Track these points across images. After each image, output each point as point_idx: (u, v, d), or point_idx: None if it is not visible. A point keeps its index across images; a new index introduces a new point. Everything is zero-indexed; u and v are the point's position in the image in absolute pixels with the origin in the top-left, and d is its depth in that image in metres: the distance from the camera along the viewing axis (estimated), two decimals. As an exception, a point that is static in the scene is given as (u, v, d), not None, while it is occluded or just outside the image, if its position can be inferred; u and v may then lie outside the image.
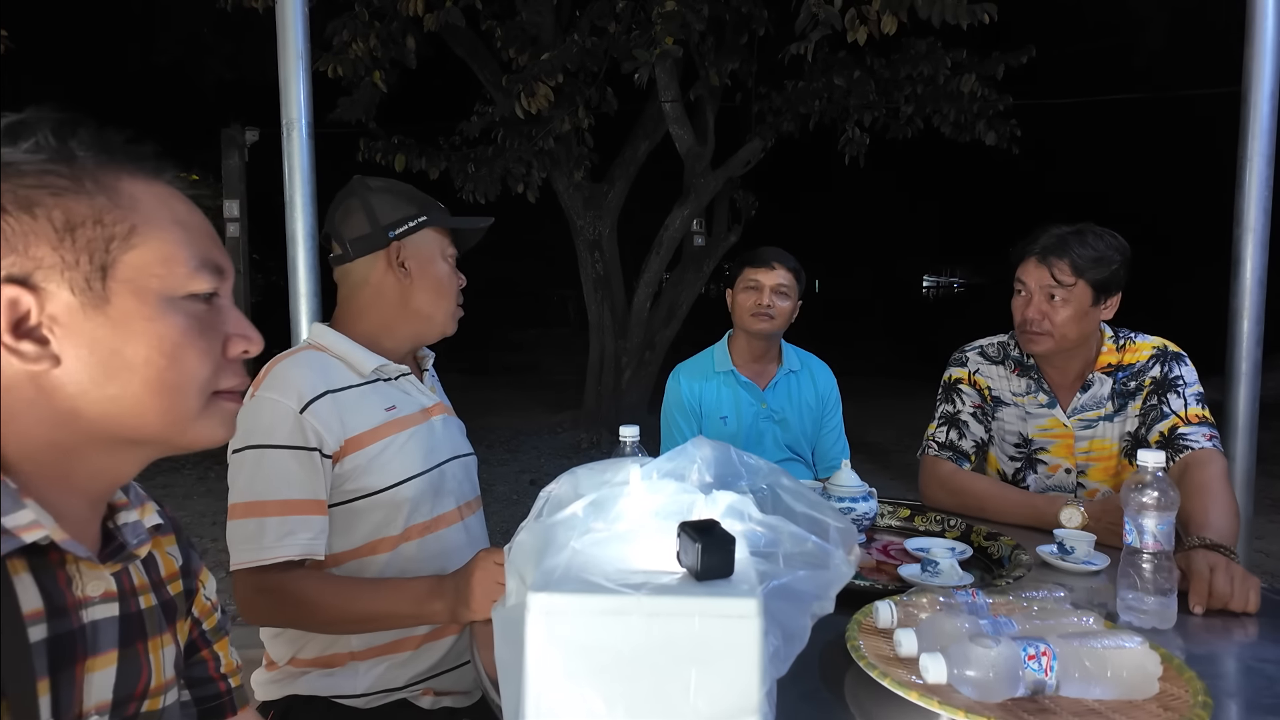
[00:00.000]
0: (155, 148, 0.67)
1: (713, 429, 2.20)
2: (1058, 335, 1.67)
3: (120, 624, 0.65)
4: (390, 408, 1.33)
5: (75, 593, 0.62)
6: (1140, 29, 7.47)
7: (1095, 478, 1.76)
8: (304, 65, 2.34)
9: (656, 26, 4.79)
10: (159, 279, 0.64)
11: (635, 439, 1.35)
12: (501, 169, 5.96)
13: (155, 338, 0.63)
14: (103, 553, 0.67)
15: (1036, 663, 0.89)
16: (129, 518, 0.71)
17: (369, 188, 1.38)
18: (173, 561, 0.78)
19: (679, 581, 0.69)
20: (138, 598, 0.69)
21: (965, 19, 4.20)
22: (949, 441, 1.81)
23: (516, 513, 4.82)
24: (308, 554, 1.20)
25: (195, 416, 0.66)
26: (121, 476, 0.68)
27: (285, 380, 1.24)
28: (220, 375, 0.68)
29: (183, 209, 0.68)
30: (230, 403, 0.69)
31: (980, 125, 5.91)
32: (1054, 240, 1.67)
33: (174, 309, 0.64)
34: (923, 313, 21.80)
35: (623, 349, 6.75)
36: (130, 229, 0.63)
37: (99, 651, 0.63)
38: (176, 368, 0.64)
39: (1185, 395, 1.66)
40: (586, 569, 0.70)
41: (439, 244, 1.39)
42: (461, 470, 1.45)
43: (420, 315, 1.38)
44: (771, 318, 2.13)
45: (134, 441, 0.65)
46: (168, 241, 0.65)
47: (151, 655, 0.68)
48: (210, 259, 0.67)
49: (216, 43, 7.61)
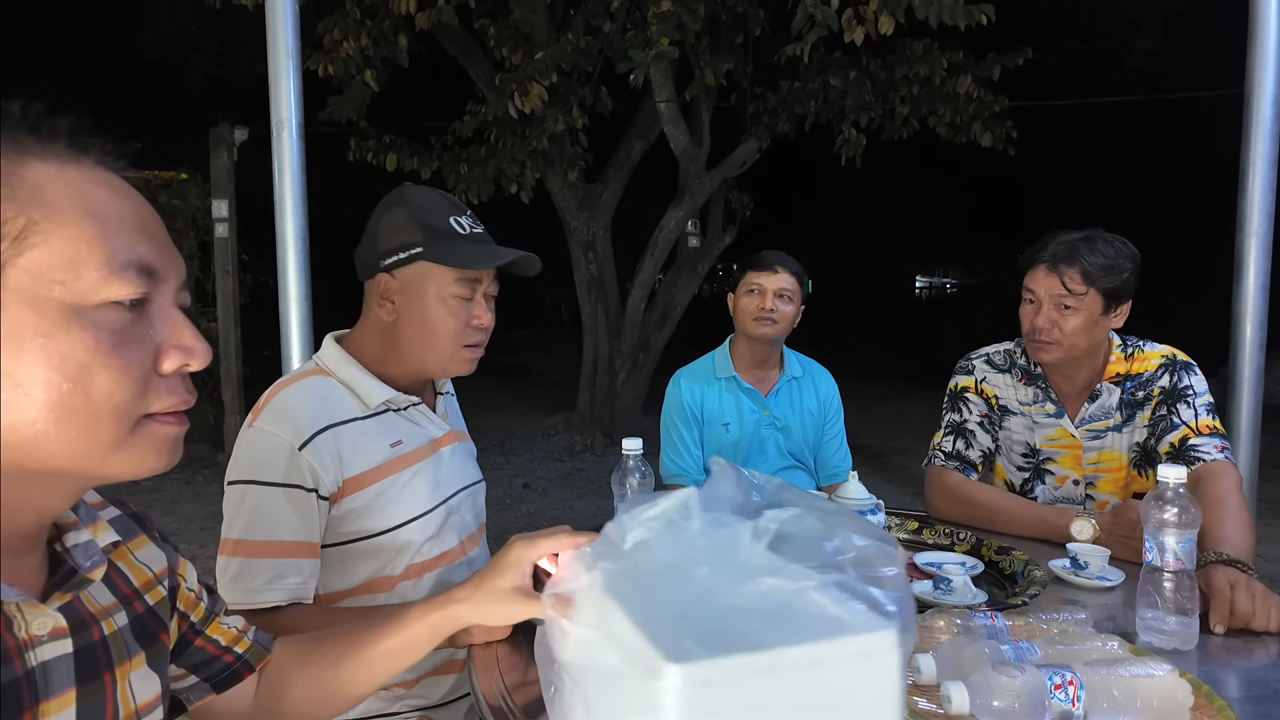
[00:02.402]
0: (72, 120, 0.57)
1: (714, 435, 2.17)
2: (1067, 344, 1.64)
3: (76, 660, 0.59)
4: (396, 443, 1.24)
5: (18, 634, 0.56)
6: (1137, 30, 7.47)
7: (1104, 489, 1.73)
8: (294, 64, 2.29)
9: (652, 27, 4.74)
10: (61, 286, 0.53)
11: (639, 453, 1.31)
12: (494, 169, 5.91)
13: (55, 357, 0.53)
14: (50, 582, 0.61)
15: (1063, 692, 0.86)
16: (79, 538, 0.64)
17: (393, 202, 1.25)
18: (144, 570, 0.72)
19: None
20: (99, 624, 0.63)
21: (963, 20, 4.17)
22: (956, 451, 1.77)
23: (509, 517, 4.78)
24: (296, 599, 1.15)
25: (116, 445, 0.56)
26: (50, 509, 0.60)
27: (284, 413, 1.17)
28: (150, 395, 0.57)
29: (104, 197, 0.57)
30: (167, 426, 0.59)
31: (976, 126, 5.90)
32: (1064, 248, 1.63)
33: (81, 321, 0.54)
34: (916, 314, 21.84)
35: (617, 350, 6.70)
36: (25, 226, 0.53)
37: (52, 694, 0.57)
38: (83, 391, 0.53)
39: (1195, 405, 1.63)
40: (719, 628, 0.61)
41: (437, 280, 1.21)
42: (468, 501, 1.38)
43: (410, 355, 1.24)
44: (774, 322, 2.09)
45: (46, 474, 0.56)
46: (74, 240, 0.54)
47: (119, 684, 0.63)
48: (136, 257, 0.56)
49: (205, 40, 7.53)
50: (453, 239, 1.22)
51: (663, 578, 0.67)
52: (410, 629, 0.88)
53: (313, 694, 0.88)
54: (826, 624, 0.61)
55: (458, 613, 0.88)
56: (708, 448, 2.18)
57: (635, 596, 0.66)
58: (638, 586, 0.67)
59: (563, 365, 9.82)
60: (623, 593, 0.67)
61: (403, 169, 5.98)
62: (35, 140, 0.55)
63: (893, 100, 5.96)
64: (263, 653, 0.86)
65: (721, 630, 0.60)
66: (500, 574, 0.86)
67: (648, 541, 0.70)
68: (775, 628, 0.60)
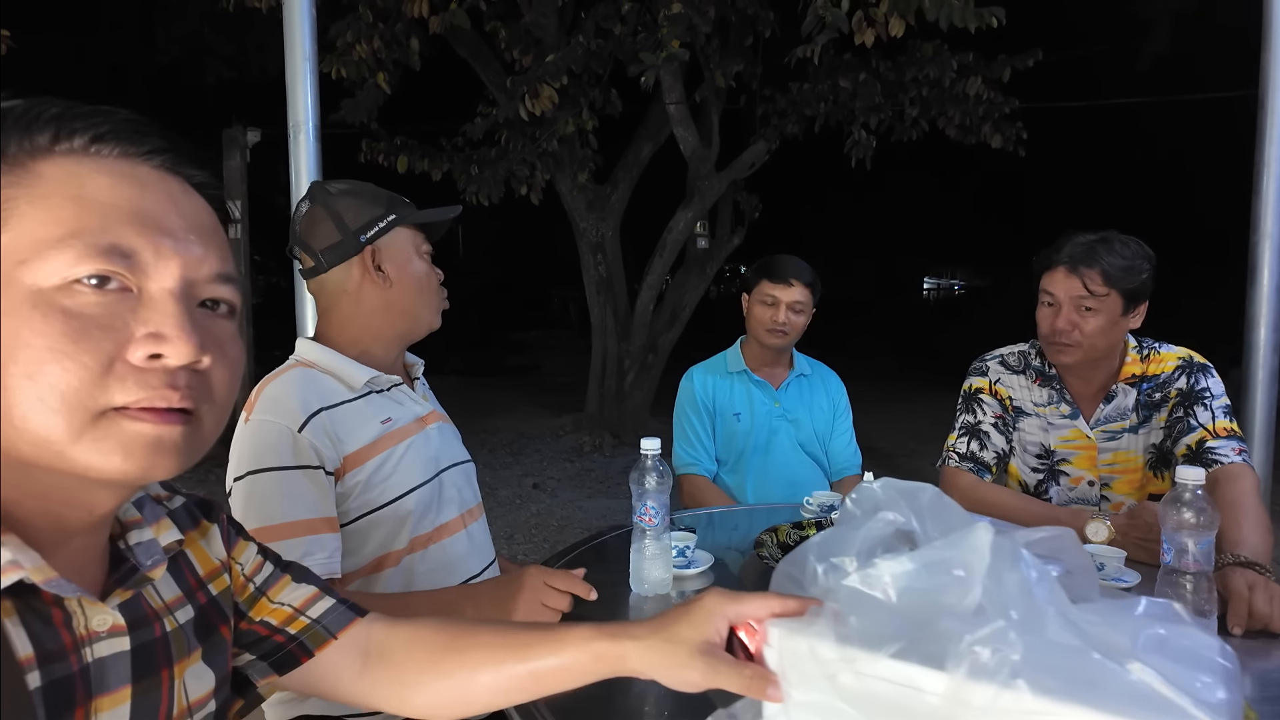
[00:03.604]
0: (100, 120, 0.56)
1: (726, 426, 2.21)
2: (1087, 346, 1.64)
3: (134, 657, 0.60)
4: (386, 420, 1.30)
5: (76, 630, 0.57)
6: (1149, 31, 7.44)
7: (1120, 490, 1.73)
8: (311, 67, 2.31)
9: (663, 29, 4.76)
10: (24, 266, 0.52)
11: (656, 452, 1.32)
12: (505, 171, 5.93)
13: (7, 336, 0.51)
14: (111, 579, 0.61)
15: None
16: (142, 536, 0.65)
17: (329, 192, 1.33)
18: (210, 557, 0.73)
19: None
20: (161, 620, 0.64)
21: (973, 23, 4.17)
22: (970, 453, 1.78)
23: (519, 517, 4.79)
24: (326, 574, 1.17)
25: (71, 439, 0.52)
26: (93, 505, 0.59)
27: (278, 401, 1.21)
28: (110, 386, 0.53)
29: (102, 183, 0.55)
30: (139, 423, 0.54)
31: (986, 128, 5.89)
32: (1082, 249, 1.63)
33: (37, 303, 0.52)
34: (924, 315, 21.78)
35: (625, 351, 6.71)
36: (4, 212, 0.52)
37: (107, 690, 0.58)
38: (27, 374, 0.51)
39: (1213, 408, 1.63)
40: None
41: (412, 241, 1.35)
42: (462, 477, 1.43)
43: (407, 315, 1.35)
44: (785, 334, 2.16)
45: (25, 463, 0.54)
46: (46, 221, 0.52)
47: (176, 681, 0.64)
48: (113, 239, 0.54)
49: (218, 43, 7.58)
50: (405, 205, 1.36)
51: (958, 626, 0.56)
52: (568, 651, 0.75)
53: (443, 697, 0.80)
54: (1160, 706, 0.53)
55: (627, 653, 0.73)
56: (720, 438, 2.22)
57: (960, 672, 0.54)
58: (944, 653, 0.55)
59: (571, 366, 9.83)
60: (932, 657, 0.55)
61: (414, 171, 6.01)
62: (55, 138, 0.55)
63: (902, 102, 5.95)
64: (324, 636, 0.79)
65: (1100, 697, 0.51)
66: (688, 624, 0.71)
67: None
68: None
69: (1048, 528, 0.68)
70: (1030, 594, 0.58)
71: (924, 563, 0.61)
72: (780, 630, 0.65)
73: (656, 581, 1.32)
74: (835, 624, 0.61)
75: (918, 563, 0.61)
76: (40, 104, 0.55)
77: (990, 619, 0.56)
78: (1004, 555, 0.60)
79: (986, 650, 0.54)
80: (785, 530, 1.54)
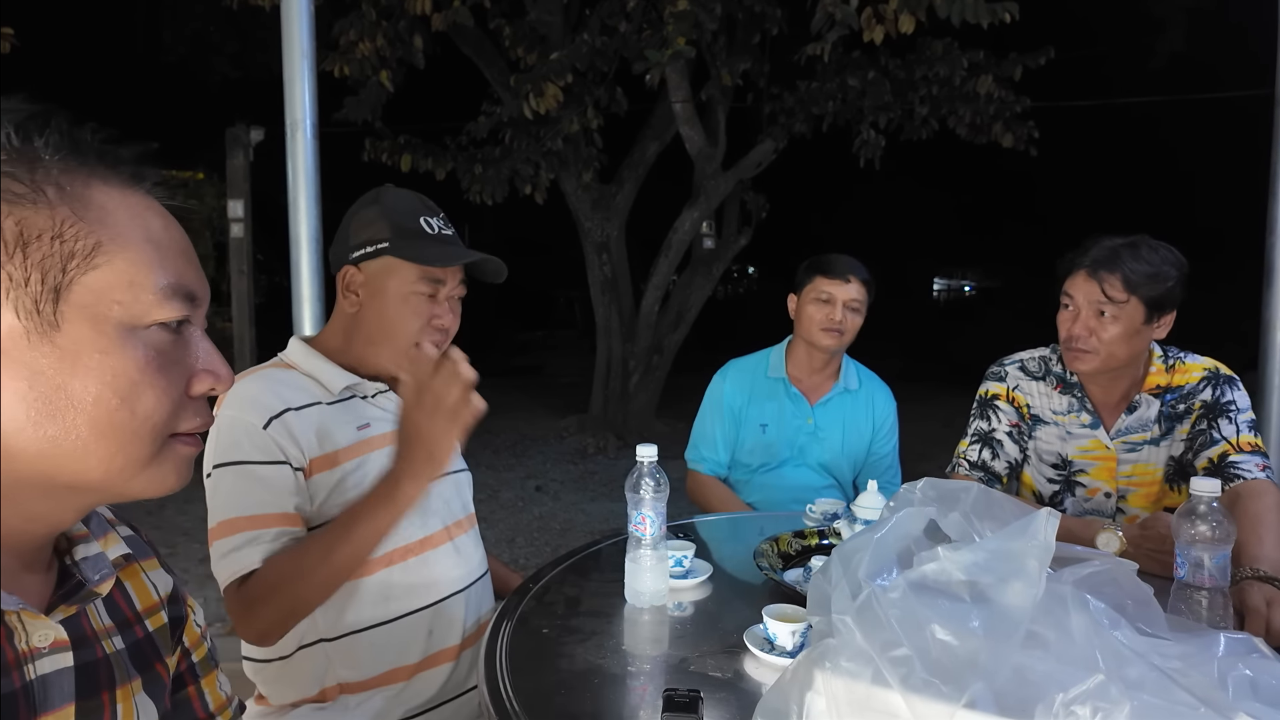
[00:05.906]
0: (136, 150, 0.60)
1: (750, 436, 2.11)
2: (1104, 354, 1.57)
3: (78, 674, 0.58)
4: (363, 426, 1.27)
5: (17, 646, 0.55)
6: (1162, 30, 7.36)
7: (1136, 503, 1.68)
8: (309, 65, 2.29)
9: (669, 26, 4.71)
10: (121, 306, 0.56)
11: (653, 459, 1.28)
12: (509, 170, 5.91)
13: (109, 373, 0.55)
14: (56, 594, 0.60)
15: None
16: (89, 551, 0.64)
17: (368, 201, 1.31)
18: (151, 592, 0.71)
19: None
20: (100, 643, 0.62)
21: (986, 19, 4.11)
22: (980, 461, 1.73)
23: (521, 519, 4.75)
24: (253, 565, 1.14)
25: (145, 464, 0.58)
26: (62, 522, 0.61)
27: (244, 397, 1.20)
28: (180, 416, 0.60)
29: (158, 224, 0.60)
30: (187, 447, 0.61)
31: (997, 127, 5.82)
32: (1105, 253, 1.57)
33: (134, 340, 0.56)
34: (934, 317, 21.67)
35: (630, 352, 6.67)
36: (94, 246, 0.55)
37: (50, 708, 0.56)
38: (130, 408, 0.56)
39: (1237, 421, 1.56)
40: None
41: (401, 275, 1.26)
42: (451, 488, 1.38)
43: (369, 343, 1.29)
44: (841, 334, 2.02)
45: (72, 488, 0.57)
46: (135, 263, 0.57)
47: (120, 705, 0.61)
48: (183, 284, 0.59)
49: (222, 41, 7.58)
50: (419, 238, 1.27)
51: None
52: None
53: None
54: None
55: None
56: (741, 445, 2.12)
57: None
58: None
59: (575, 367, 9.80)
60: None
61: (417, 169, 5.99)
62: (102, 165, 0.57)
63: (912, 100, 5.89)
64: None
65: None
66: None
67: None
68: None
69: (1089, 561, 0.65)
70: (1104, 636, 0.56)
71: (988, 552, 0.59)
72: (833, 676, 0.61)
73: (653, 593, 1.27)
74: (895, 668, 0.57)
75: (978, 553, 0.60)
76: (79, 131, 0.57)
77: (1074, 664, 0.52)
78: (1062, 598, 0.58)
79: (1086, 710, 0.50)
80: (787, 539, 1.49)
